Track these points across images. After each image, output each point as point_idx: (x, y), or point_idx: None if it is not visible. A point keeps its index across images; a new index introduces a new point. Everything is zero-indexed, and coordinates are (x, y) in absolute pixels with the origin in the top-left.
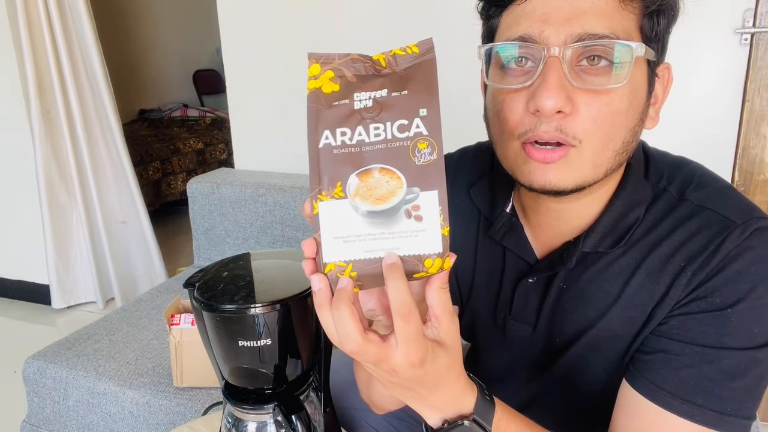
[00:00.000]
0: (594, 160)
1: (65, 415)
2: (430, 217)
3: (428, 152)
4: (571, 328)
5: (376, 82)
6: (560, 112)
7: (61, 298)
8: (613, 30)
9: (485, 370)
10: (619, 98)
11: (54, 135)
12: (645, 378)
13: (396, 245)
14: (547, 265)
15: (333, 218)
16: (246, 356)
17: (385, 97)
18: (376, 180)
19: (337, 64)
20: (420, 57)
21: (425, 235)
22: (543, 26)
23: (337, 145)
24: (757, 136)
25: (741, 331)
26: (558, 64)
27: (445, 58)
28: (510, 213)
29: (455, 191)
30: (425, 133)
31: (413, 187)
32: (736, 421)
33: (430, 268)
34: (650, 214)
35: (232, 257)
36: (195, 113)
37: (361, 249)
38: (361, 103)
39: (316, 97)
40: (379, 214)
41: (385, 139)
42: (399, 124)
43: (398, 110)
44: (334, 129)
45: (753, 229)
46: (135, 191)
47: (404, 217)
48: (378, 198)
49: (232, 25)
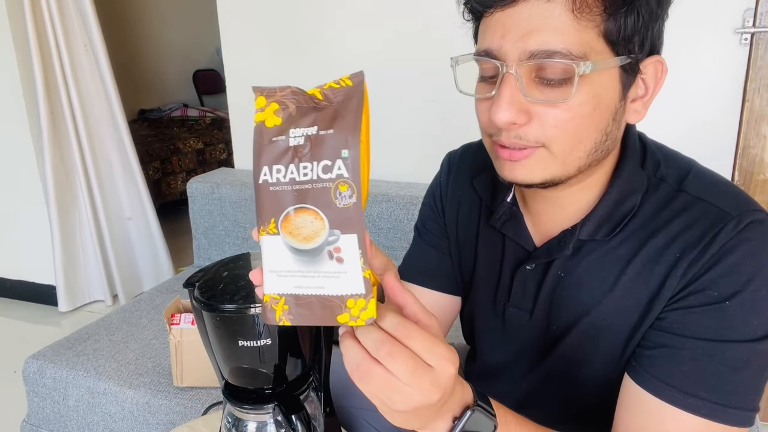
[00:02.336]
0: (564, 159)
1: (65, 415)
2: (351, 260)
3: (348, 195)
4: (568, 315)
5: (311, 116)
6: (515, 123)
7: (67, 301)
8: (567, 45)
9: (484, 365)
10: (578, 106)
11: (61, 134)
12: (648, 373)
13: (321, 284)
14: (545, 253)
15: (270, 253)
16: (246, 356)
17: (314, 135)
18: (302, 219)
19: (279, 96)
20: (351, 90)
21: (346, 277)
22: (501, 41)
23: (273, 182)
24: (757, 136)
25: (741, 324)
26: (512, 80)
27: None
28: (510, 202)
29: (458, 183)
30: (346, 175)
31: (334, 229)
32: (740, 413)
33: (353, 308)
34: (648, 204)
35: (232, 257)
36: (195, 113)
37: (292, 284)
38: (295, 140)
39: (259, 131)
40: (305, 253)
41: (311, 179)
42: (323, 165)
43: (323, 150)
44: (271, 166)
45: (748, 221)
46: (142, 188)
47: (327, 257)
48: (304, 237)
49: (232, 25)
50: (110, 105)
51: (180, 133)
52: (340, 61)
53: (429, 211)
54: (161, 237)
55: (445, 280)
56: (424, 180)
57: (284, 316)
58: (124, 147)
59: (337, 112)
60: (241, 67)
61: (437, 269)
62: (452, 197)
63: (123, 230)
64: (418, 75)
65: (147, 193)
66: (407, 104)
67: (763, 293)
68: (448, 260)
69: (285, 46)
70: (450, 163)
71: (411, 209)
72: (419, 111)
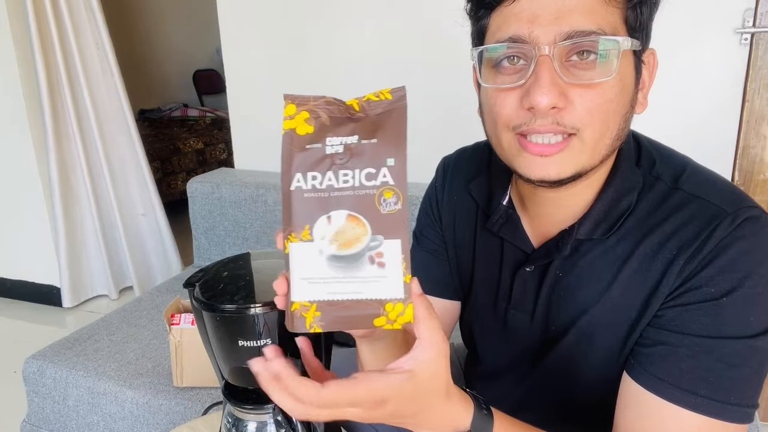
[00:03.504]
0: (593, 147)
1: (65, 415)
2: (393, 265)
3: (393, 201)
4: (566, 315)
5: (349, 126)
6: (555, 107)
7: (71, 297)
8: (600, 26)
9: (484, 368)
10: (609, 88)
11: (65, 133)
12: (646, 371)
13: (358, 289)
14: (544, 254)
15: (301, 260)
16: (246, 356)
17: (355, 144)
18: (342, 226)
19: (312, 105)
20: (392, 104)
21: (387, 282)
22: (532, 26)
23: (308, 188)
24: (757, 136)
25: (737, 320)
26: (549, 63)
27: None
28: (507, 205)
29: (454, 188)
30: (391, 182)
31: (377, 235)
32: (739, 409)
33: (391, 312)
34: (644, 202)
35: (232, 257)
36: (195, 113)
37: (325, 291)
38: (333, 148)
39: (290, 139)
40: (344, 259)
41: (352, 186)
42: (367, 172)
43: (367, 158)
44: (306, 173)
45: (743, 218)
46: (150, 185)
47: (367, 263)
48: (343, 243)
49: (232, 25)
50: (120, 103)
51: (180, 133)
52: (340, 61)
53: (426, 217)
54: (169, 232)
55: (445, 286)
56: (421, 180)
57: (315, 323)
58: (134, 144)
59: (378, 123)
60: (241, 67)
61: (437, 275)
62: (448, 203)
63: (136, 226)
64: (418, 75)
65: (155, 190)
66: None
67: (759, 290)
68: (447, 266)
69: (285, 46)
70: (445, 168)
71: (410, 209)
72: (419, 111)
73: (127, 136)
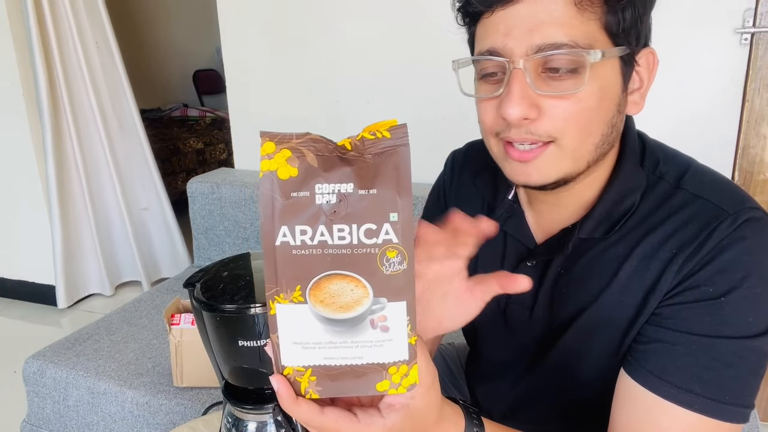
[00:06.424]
0: (574, 153)
1: (65, 415)
2: (397, 328)
3: (398, 261)
4: (567, 312)
5: (341, 170)
6: (526, 119)
7: (66, 295)
8: (573, 37)
9: (485, 366)
10: (587, 97)
11: (63, 131)
12: (643, 368)
13: (359, 354)
14: (545, 251)
15: (292, 323)
16: (246, 356)
17: (351, 194)
18: (339, 287)
19: (295, 143)
20: (391, 145)
21: (391, 345)
22: (506, 39)
23: (297, 245)
24: (757, 136)
25: (736, 320)
26: (521, 75)
27: (445, 59)
28: (512, 200)
29: (462, 182)
30: (395, 240)
31: (380, 297)
32: (734, 409)
33: (394, 375)
34: (646, 202)
35: (232, 257)
36: (195, 113)
37: (321, 356)
38: (324, 198)
39: (270, 183)
40: (342, 323)
41: (350, 244)
42: (366, 229)
43: (366, 212)
44: (293, 226)
45: (744, 219)
46: (157, 180)
47: (369, 327)
48: (341, 306)
49: (232, 25)
50: (127, 100)
51: (180, 133)
52: (341, 61)
53: (433, 209)
54: (177, 226)
55: None
56: (422, 180)
57: (311, 389)
58: (140, 140)
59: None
60: (241, 67)
61: None
62: (456, 195)
63: (139, 221)
64: (418, 75)
65: (161, 184)
66: (407, 104)
67: (758, 290)
68: None
69: (285, 46)
70: (454, 162)
71: (415, 209)
72: (418, 110)
73: (132, 132)
